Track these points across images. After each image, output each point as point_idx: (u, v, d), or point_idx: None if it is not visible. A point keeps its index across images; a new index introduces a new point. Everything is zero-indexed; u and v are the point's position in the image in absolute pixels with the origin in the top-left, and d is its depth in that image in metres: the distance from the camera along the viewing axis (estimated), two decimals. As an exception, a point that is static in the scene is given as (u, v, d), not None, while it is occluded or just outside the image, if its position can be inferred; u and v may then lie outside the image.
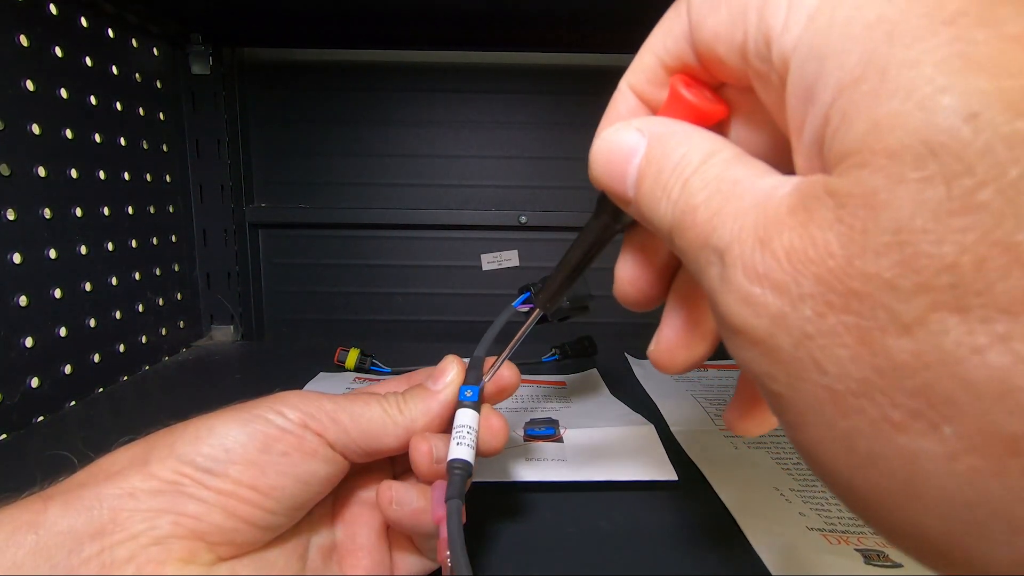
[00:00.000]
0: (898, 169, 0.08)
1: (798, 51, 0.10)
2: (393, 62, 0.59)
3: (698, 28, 0.12)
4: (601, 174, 0.14)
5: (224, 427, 0.19)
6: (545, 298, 0.21)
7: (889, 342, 0.08)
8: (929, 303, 0.08)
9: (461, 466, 0.20)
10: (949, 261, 0.08)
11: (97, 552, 0.16)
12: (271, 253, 0.63)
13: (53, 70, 0.40)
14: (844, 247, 0.09)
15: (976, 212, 0.07)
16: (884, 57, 0.08)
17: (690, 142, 0.12)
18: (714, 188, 0.11)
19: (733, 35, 0.11)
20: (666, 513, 0.29)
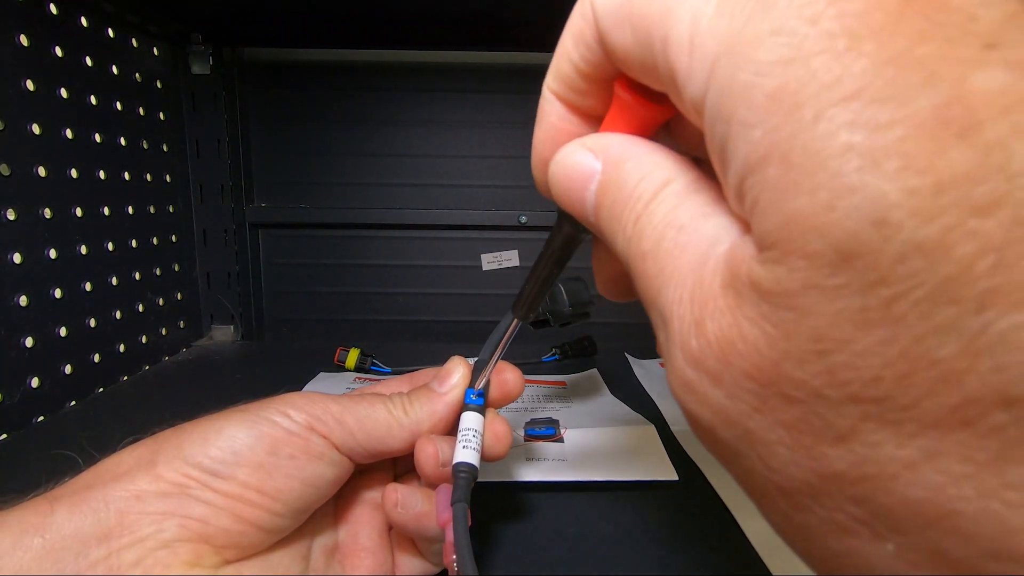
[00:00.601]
0: (814, 274, 0.07)
1: (706, 105, 0.09)
2: (393, 62, 0.59)
3: (607, 43, 0.11)
4: (560, 198, 0.13)
5: (231, 429, 0.19)
6: (521, 308, 0.20)
7: (826, 450, 0.08)
8: (860, 414, 0.07)
9: (467, 470, 0.20)
10: (874, 374, 0.07)
11: (104, 556, 0.16)
12: (271, 253, 0.63)
13: (53, 70, 0.40)
14: (771, 348, 0.08)
15: (895, 324, 0.07)
16: (787, 139, 0.08)
17: (644, 169, 0.12)
18: (659, 236, 0.11)
19: (644, 60, 0.11)
20: (666, 513, 0.29)
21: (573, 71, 0.13)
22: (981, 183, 0.06)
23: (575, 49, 0.12)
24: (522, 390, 0.24)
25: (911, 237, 0.07)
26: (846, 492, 0.08)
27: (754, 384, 0.08)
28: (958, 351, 0.07)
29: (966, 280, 0.07)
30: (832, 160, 0.07)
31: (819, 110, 0.07)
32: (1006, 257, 0.06)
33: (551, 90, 0.14)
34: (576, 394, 0.45)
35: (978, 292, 0.06)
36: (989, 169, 0.06)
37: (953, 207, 0.07)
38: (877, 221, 0.07)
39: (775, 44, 0.08)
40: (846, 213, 0.07)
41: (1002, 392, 0.06)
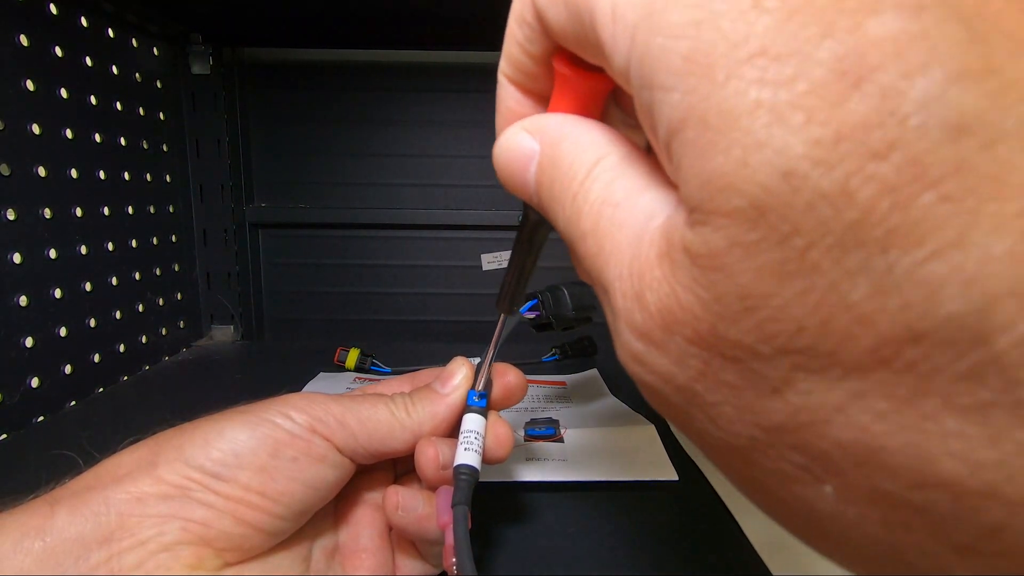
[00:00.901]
0: (734, 232, 0.08)
1: (631, 73, 0.09)
2: (393, 62, 0.59)
3: (544, 21, 0.12)
4: (505, 182, 0.14)
5: (232, 431, 0.19)
6: (503, 302, 0.21)
7: (765, 403, 0.08)
8: (790, 365, 0.08)
9: (468, 472, 0.20)
10: (797, 325, 0.08)
11: (105, 559, 0.16)
12: (271, 253, 0.63)
13: (53, 70, 0.40)
14: (706, 311, 0.08)
15: (811, 274, 0.07)
16: (702, 100, 0.08)
17: (578, 148, 0.12)
18: (597, 215, 0.11)
19: (577, 35, 0.11)
20: (666, 513, 0.29)
21: (520, 53, 0.13)
22: (876, 129, 0.07)
23: (519, 30, 0.13)
24: (524, 393, 0.24)
25: (816, 186, 0.07)
26: (787, 441, 0.08)
27: (696, 349, 0.09)
28: (869, 293, 0.07)
29: (869, 223, 0.07)
30: (743, 118, 0.07)
31: (729, 70, 0.08)
32: (902, 197, 0.07)
33: (504, 75, 0.14)
34: (576, 394, 0.45)
35: (881, 234, 0.07)
36: (883, 114, 0.07)
37: (852, 154, 0.07)
38: (786, 173, 0.07)
39: (685, 7, 0.08)
40: (758, 168, 0.07)
41: (910, 328, 0.07)
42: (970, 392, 0.07)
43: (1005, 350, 0.06)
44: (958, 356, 0.07)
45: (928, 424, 0.07)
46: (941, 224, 0.06)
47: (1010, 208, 0.06)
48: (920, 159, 0.06)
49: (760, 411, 0.08)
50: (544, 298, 0.42)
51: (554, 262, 0.58)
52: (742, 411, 0.09)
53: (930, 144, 0.06)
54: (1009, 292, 0.06)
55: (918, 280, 0.07)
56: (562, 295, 0.29)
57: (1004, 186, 0.06)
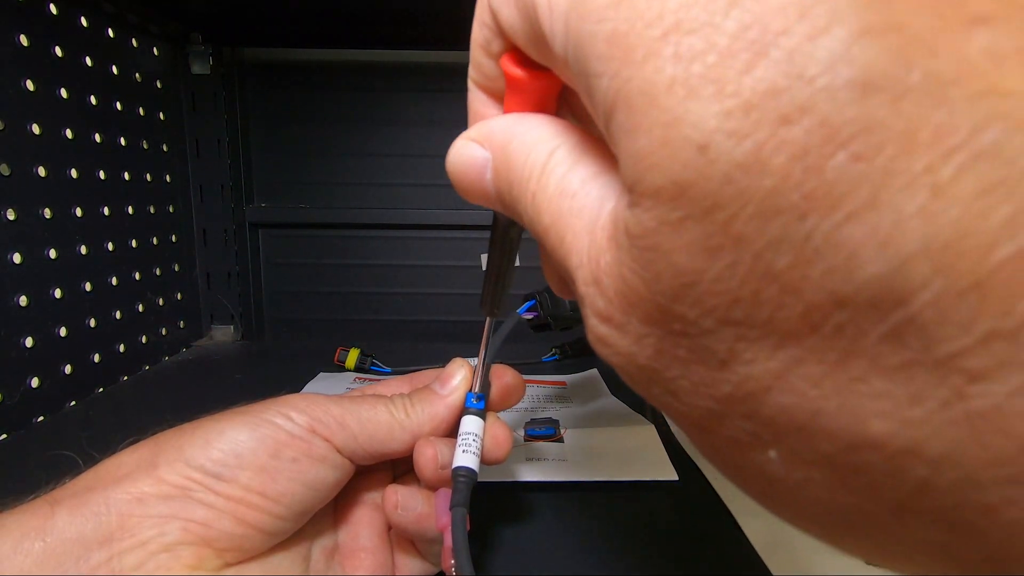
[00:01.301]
0: (662, 211, 0.08)
1: (569, 63, 0.10)
2: (393, 62, 0.59)
3: (499, 22, 0.12)
4: (464, 193, 0.14)
5: (233, 431, 0.19)
6: (485, 305, 0.20)
7: (715, 376, 0.08)
8: (733, 336, 0.08)
9: (466, 474, 0.20)
10: (732, 296, 0.08)
11: (106, 559, 0.16)
12: (271, 253, 0.63)
13: (53, 70, 0.40)
14: (650, 290, 0.08)
15: (736, 246, 0.07)
16: (625, 83, 0.08)
17: (527, 146, 0.12)
18: (556, 208, 0.11)
19: (527, 31, 0.11)
20: (666, 513, 0.29)
21: (483, 57, 0.13)
22: (784, 94, 0.07)
23: (480, 34, 0.13)
24: (522, 395, 0.24)
25: (731, 157, 0.07)
26: (737, 411, 0.08)
27: (649, 328, 0.09)
28: (792, 260, 0.07)
29: (785, 189, 0.07)
30: (661, 96, 0.08)
31: (647, 48, 0.08)
32: (814, 161, 0.07)
33: (472, 80, 0.14)
34: (576, 394, 0.45)
35: (797, 199, 0.07)
36: (790, 78, 0.07)
37: (763, 122, 0.07)
38: (701, 147, 0.07)
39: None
40: (676, 146, 0.07)
41: (834, 293, 0.07)
42: (893, 353, 0.07)
43: (921, 310, 0.06)
44: (880, 318, 0.07)
45: (858, 386, 0.07)
46: (854, 185, 0.06)
47: (918, 165, 0.06)
48: (829, 120, 0.06)
49: (711, 383, 0.08)
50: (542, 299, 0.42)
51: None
52: (696, 384, 0.09)
53: (838, 104, 0.06)
54: (922, 252, 0.06)
55: (836, 244, 0.07)
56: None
57: (912, 142, 0.06)
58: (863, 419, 0.07)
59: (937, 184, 0.06)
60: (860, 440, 0.07)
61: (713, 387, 0.08)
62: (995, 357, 0.06)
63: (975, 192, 0.06)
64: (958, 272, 0.06)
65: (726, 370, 0.08)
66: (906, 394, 0.07)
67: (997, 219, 0.06)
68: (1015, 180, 0.06)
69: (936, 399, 0.06)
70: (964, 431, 0.06)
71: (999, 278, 0.06)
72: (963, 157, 0.06)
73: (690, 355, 0.09)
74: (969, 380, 0.06)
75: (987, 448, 0.06)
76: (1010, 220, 0.06)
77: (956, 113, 0.06)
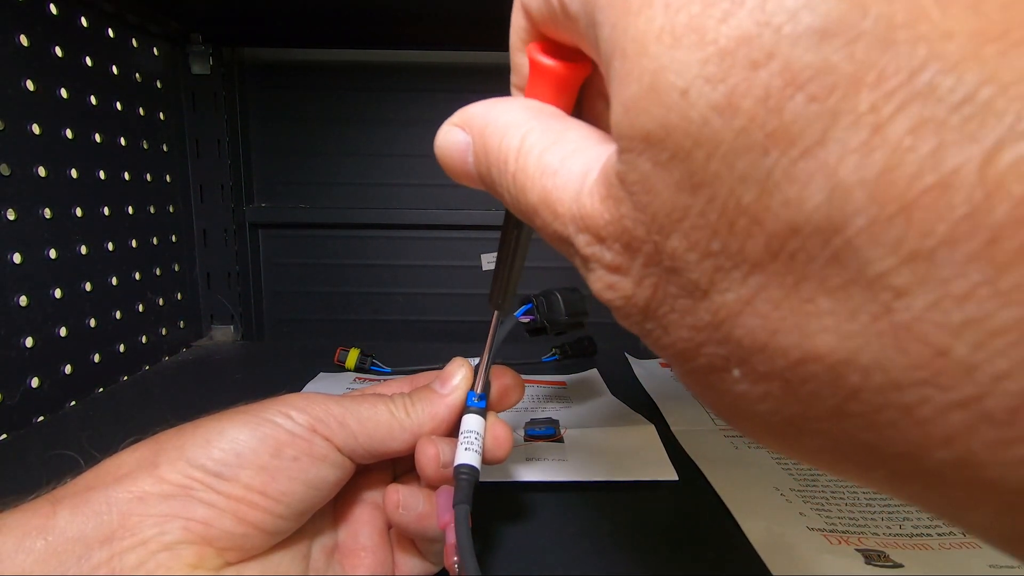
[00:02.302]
0: (652, 152, 0.09)
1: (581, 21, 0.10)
2: (393, 62, 0.59)
3: (529, 14, 0.13)
4: (451, 175, 0.15)
5: (233, 430, 0.19)
6: (495, 299, 0.21)
7: (698, 306, 0.09)
8: (712, 268, 0.09)
9: (468, 471, 0.20)
10: (711, 229, 0.08)
11: (107, 558, 0.16)
12: (271, 253, 0.63)
13: (53, 70, 0.40)
14: (646, 231, 0.09)
15: (713, 182, 0.08)
16: (622, 33, 0.09)
17: (501, 129, 0.13)
18: (541, 187, 0.12)
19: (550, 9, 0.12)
20: (666, 513, 0.29)
21: (520, 58, 0.14)
22: (755, 40, 0.07)
23: (516, 36, 0.14)
24: (522, 395, 0.24)
25: (708, 101, 0.08)
26: (714, 338, 0.09)
27: (648, 268, 0.10)
28: (757, 194, 0.08)
29: (751, 129, 0.08)
30: (651, 45, 0.08)
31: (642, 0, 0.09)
32: (776, 102, 0.07)
33: (513, 85, 0.15)
34: (576, 394, 0.45)
35: (761, 138, 0.07)
36: (761, 26, 0.07)
37: (735, 67, 0.08)
38: (683, 92, 0.08)
39: None
40: (663, 90, 0.08)
41: (789, 222, 0.08)
42: (836, 274, 0.07)
43: (856, 234, 0.07)
44: (824, 243, 0.07)
45: (808, 306, 0.08)
46: (809, 124, 0.07)
47: (864, 105, 0.07)
48: (791, 65, 0.07)
49: (694, 313, 0.09)
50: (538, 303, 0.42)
51: (550, 263, 0.58)
52: (683, 315, 0.10)
53: (799, 50, 0.07)
54: (859, 183, 0.07)
55: (792, 178, 0.07)
56: (556, 300, 0.29)
57: (859, 84, 0.07)
58: (811, 335, 0.08)
59: (878, 122, 0.07)
60: (808, 354, 0.08)
61: (695, 316, 0.09)
62: (916, 275, 0.07)
63: (907, 129, 0.07)
64: (887, 199, 0.07)
65: (707, 300, 0.09)
66: (845, 311, 0.08)
67: (923, 152, 0.06)
68: (941, 118, 0.06)
69: (868, 314, 0.07)
70: (889, 341, 0.07)
71: (922, 204, 0.07)
72: (901, 97, 0.07)
73: (679, 290, 0.09)
74: (895, 296, 0.07)
75: (907, 354, 0.07)
76: (934, 152, 0.06)
77: (899, 56, 0.07)
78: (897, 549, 0.25)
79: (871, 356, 0.07)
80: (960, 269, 0.06)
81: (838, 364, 0.08)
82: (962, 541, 0.26)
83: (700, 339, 0.10)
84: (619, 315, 0.11)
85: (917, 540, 0.26)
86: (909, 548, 0.25)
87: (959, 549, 0.25)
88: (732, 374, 0.09)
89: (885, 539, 0.26)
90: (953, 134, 0.06)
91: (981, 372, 0.07)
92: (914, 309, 0.07)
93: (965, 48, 0.06)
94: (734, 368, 0.09)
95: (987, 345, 0.06)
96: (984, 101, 0.06)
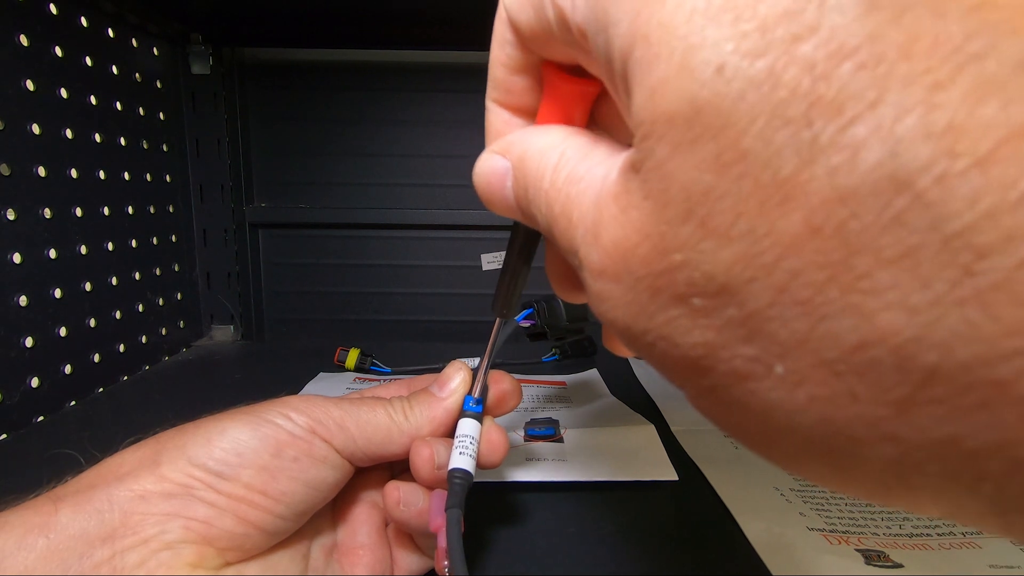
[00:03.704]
0: (676, 133, 0.08)
1: (588, 26, 0.10)
2: (393, 62, 0.59)
3: (519, 30, 0.13)
4: (489, 203, 0.15)
5: (234, 430, 0.19)
6: (498, 306, 0.21)
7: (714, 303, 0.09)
8: (732, 257, 0.08)
9: (462, 476, 0.20)
10: (736, 212, 0.08)
11: (108, 557, 0.16)
12: (271, 253, 0.63)
13: (53, 70, 0.40)
14: (656, 223, 0.09)
15: (744, 159, 0.08)
16: (645, 22, 0.09)
17: (540, 151, 0.13)
18: (565, 195, 0.12)
19: (544, 26, 0.12)
20: (666, 513, 0.29)
21: (505, 73, 0.14)
22: (797, 15, 0.07)
23: (501, 51, 0.14)
24: (519, 400, 0.25)
25: (746, 75, 0.08)
26: (738, 336, 0.08)
27: (648, 268, 0.09)
28: (798, 165, 0.07)
29: (794, 100, 0.07)
30: (680, 27, 0.08)
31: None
32: (822, 71, 0.07)
33: (492, 100, 0.15)
34: (576, 394, 0.45)
35: (805, 108, 0.07)
36: (801, 3, 0.07)
37: (777, 41, 0.07)
38: (719, 67, 0.08)
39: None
40: (694, 68, 0.08)
41: (837, 188, 0.07)
42: (899, 240, 0.07)
43: (927, 187, 0.07)
44: (884, 206, 0.07)
45: (863, 283, 0.07)
46: (859, 91, 0.07)
47: (919, 67, 0.07)
48: (836, 35, 0.07)
49: (708, 312, 0.09)
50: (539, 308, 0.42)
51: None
52: (693, 319, 0.09)
53: (845, 21, 0.07)
54: (923, 136, 0.07)
55: (842, 145, 0.07)
56: (557, 305, 0.29)
57: (912, 50, 0.07)
58: (871, 315, 0.07)
59: (936, 81, 0.07)
60: (868, 338, 0.07)
61: (711, 316, 0.09)
62: (1001, 230, 0.06)
63: (971, 86, 0.06)
64: (960, 152, 0.06)
65: (725, 294, 0.08)
66: (914, 280, 0.07)
67: (992, 106, 0.06)
68: (1004, 76, 0.06)
69: (945, 280, 0.07)
70: (974, 308, 0.06)
71: (999, 155, 0.06)
72: (960, 58, 0.06)
73: (689, 288, 0.09)
74: (977, 256, 0.06)
75: (999, 320, 0.06)
76: (1004, 106, 0.06)
77: (951, 23, 0.07)
78: (897, 549, 0.25)
79: (951, 329, 0.07)
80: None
81: (908, 343, 0.07)
82: (962, 541, 0.26)
83: (721, 341, 0.09)
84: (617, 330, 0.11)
85: (917, 540, 0.26)
86: (909, 548, 0.25)
87: (959, 549, 0.25)
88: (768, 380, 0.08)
89: (885, 539, 0.26)
90: (1018, 91, 0.06)
91: None
92: (1004, 269, 0.06)
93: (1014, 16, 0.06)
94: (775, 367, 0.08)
95: None
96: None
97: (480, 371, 0.23)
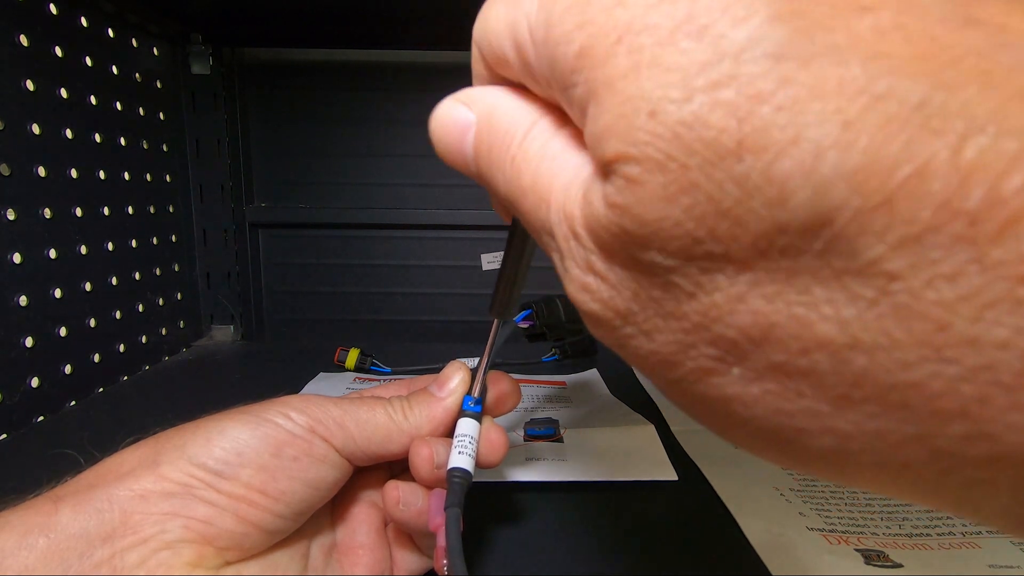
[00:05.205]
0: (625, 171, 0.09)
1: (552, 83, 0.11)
2: (393, 62, 0.59)
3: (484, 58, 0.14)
4: (443, 152, 0.14)
5: (234, 430, 0.19)
6: (496, 308, 0.21)
7: (684, 308, 0.09)
8: (698, 271, 0.09)
9: (461, 475, 0.20)
10: (692, 236, 0.09)
11: (108, 556, 0.16)
12: (271, 253, 0.63)
13: (53, 70, 0.40)
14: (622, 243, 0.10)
15: (692, 189, 0.09)
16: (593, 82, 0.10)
17: (513, 113, 0.13)
18: (535, 169, 0.12)
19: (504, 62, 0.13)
20: (666, 513, 0.29)
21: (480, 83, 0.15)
22: (716, 65, 0.08)
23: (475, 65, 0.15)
24: (518, 401, 0.25)
25: (676, 117, 0.08)
26: (704, 338, 0.09)
27: (628, 272, 0.10)
28: (737, 197, 0.08)
29: (724, 139, 0.08)
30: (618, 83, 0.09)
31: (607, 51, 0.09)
32: (744, 113, 0.08)
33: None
34: (576, 394, 0.45)
35: (734, 145, 0.08)
36: (720, 55, 0.08)
37: (701, 88, 0.08)
38: (650, 112, 0.09)
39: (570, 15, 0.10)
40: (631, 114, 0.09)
41: (775, 221, 0.08)
42: (827, 265, 0.08)
43: (845, 226, 0.08)
44: (814, 237, 0.08)
45: (803, 297, 0.08)
46: (779, 129, 0.08)
47: (830, 106, 0.07)
48: (754, 83, 0.08)
49: (681, 316, 0.10)
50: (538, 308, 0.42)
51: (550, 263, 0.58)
52: (668, 319, 0.10)
53: (760, 70, 0.08)
54: (839, 176, 0.07)
55: (771, 179, 0.08)
56: (555, 306, 0.29)
57: (822, 90, 0.08)
58: (810, 325, 0.08)
59: (847, 120, 0.07)
60: (809, 344, 0.08)
61: (683, 319, 0.10)
62: (907, 259, 0.07)
63: (877, 124, 0.07)
64: (870, 190, 0.07)
65: (694, 301, 0.09)
66: (843, 298, 0.08)
67: (897, 145, 0.07)
68: (905, 116, 0.07)
69: (866, 298, 0.08)
70: (891, 321, 0.08)
71: (903, 193, 0.07)
72: (865, 99, 0.07)
73: (663, 293, 0.10)
74: (889, 279, 0.07)
75: (911, 332, 0.07)
76: (907, 145, 0.07)
77: (854, 68, 0.07)
78: (897, 549, 0.25)
79: (875, 337, 0.08)
80: (947, 251, 0.07)
81: (842, 349, 0.08)
82: (961, 541, 0.26)
83: (689, 341, 0.10)
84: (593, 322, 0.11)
85: (917, 540, 0.26)
86: (909, 548, 0.25)
87: (959, 549, 0.25)
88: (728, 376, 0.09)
89: (885, 539, 0.26)
90: (919, 130, 0.07)
91: (983, 343, 0.07)
92: (911, 290, 0.07)
93: (907, 65, 0.07)
94: (733, 368, 0.09)
95: (984, 317, 0.07)
96: (939, 103, 0.07)
97: (479, 371, 0.23)
